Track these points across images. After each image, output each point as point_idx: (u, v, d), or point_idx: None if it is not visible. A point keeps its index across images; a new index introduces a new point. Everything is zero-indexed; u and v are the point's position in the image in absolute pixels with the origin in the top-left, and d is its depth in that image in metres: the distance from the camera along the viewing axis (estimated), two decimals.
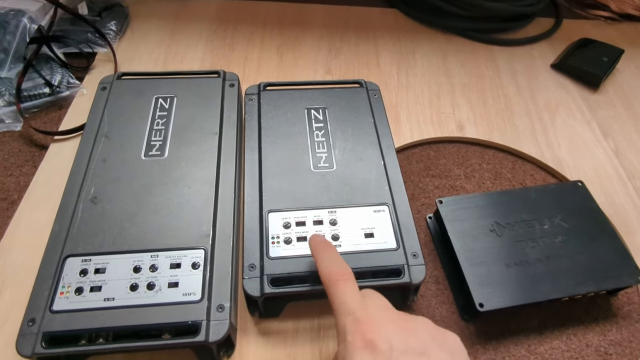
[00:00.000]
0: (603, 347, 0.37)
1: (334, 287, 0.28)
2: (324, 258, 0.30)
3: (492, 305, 0.35)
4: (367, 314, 0.26)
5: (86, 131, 0.42)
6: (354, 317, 0.26)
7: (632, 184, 0.49)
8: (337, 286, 0.28)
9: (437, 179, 0.49)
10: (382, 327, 0.25)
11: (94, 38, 0.58)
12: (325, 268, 0.30)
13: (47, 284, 0.32)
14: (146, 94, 0.46)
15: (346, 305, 0.27)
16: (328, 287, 0.29)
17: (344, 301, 0.27)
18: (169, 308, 0.32)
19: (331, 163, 0.41)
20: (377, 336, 0.25)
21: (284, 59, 0.60)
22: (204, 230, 0.36)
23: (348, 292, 0.28)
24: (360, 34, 0.65)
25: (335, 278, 0.29)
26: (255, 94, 0.47)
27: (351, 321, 0.26)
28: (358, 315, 0.26)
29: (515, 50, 0.66)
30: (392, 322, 0.26)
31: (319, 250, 0.31)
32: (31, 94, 0.51)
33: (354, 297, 0.27)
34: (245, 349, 0.35)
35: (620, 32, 0.70)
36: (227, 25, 0.65)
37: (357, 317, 0.26)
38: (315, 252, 0.32)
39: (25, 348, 0.30)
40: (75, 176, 0.39)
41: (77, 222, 0.36)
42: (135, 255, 0.34)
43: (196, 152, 0.41)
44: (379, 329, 0.25)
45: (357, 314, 0.26)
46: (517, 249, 0.39)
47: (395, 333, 0.25)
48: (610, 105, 0.58)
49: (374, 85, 0.49)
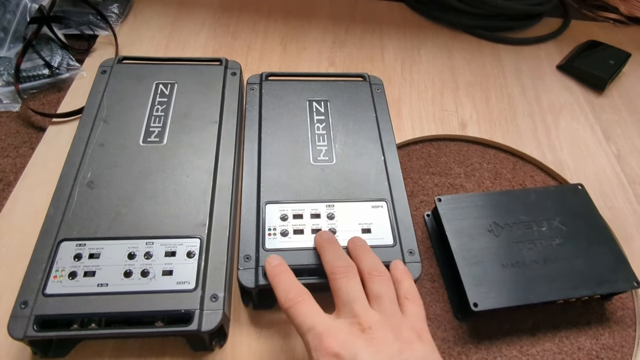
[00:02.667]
0: (595, 351, 0.37)
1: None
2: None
3: (486, 305, 0.35)
4: (326, 327, 0.27)
5: (85, 114, 0.42)
6: (315, 333, 0.27)
7: (633, 190, 0.49)
8: (293, 310, 0.29)
9: (437, 177, 0.49)
10: (343, 338, 0.26)
11: (96, 20, 0.58)
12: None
13: (41, 267, 0.32)
14: (147, 79, 0.45)
15: (305, 324, 0.28)
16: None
17: (302, 321, 0.28)
18: (163, 296, 0.31)
19: (331, 156, 0.41)
20: (340, 348, 0.26)
21: (287, 50, 0.60)
22: (200, 219, 0.36)
23: (303, 311, 0.28)
24: (366, 27, 0.65)
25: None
26: (257, 84, 0.47)
27: (312, 337, 0.27)
28: (318, 330, 0.27)
29: (521, 49, 0.65)
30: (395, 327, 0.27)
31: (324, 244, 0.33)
32: (30, 75, 0.51)
33: (310, 313, 0.28)
34: (237, 339, 0.35)
35: (628, 36, 0.70)
36: (230, 13, 0.64)
37: (317, 332, 0.27)
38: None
39: (17, 330, 0.29)
40: (73, 160, 0.38)
41: (72, 206, 0.35)
42: (131, 241, 0.34)
43: (195, 140, 0.41)
44: (339, 340, 0.26)
45: (316, 329, 0.27)
46: (514, 250, 0.38)
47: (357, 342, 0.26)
48: (615, 110, 0.58)
49: (378, 80, 0.49)
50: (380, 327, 0.27)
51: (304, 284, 0.33)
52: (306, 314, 0.28)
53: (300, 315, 0.28)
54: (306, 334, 0.27)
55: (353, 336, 0.27)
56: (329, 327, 0.27)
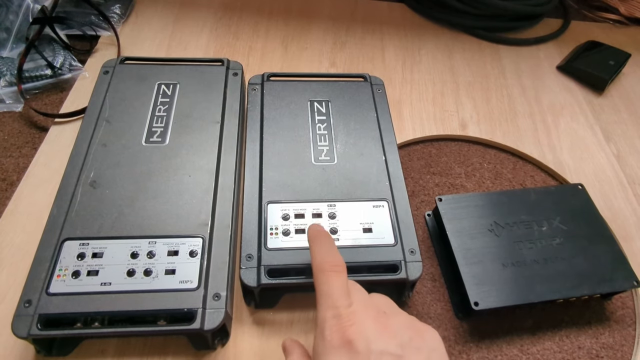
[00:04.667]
0: (595, 350, 0.38)
1: (323, 276, 0.27)
2: (320, 247, 0.30)
3: (486, 304, 0.35)
4: (349, 312, 0.26)
5: (87, 115, 0.42)
6: (336, 313, 0.26)
7: (632, 190, 0.49)
8: (326, 276, 0.27)
9: (438, 177, 0.49)
10: (362, 326, 0.25)
11: (98, 21, 0.58)
12: (318, 256, 0.29)
13: (44, 267, 0.32)
14: (149, 79, 0.45)
15: (331, 298, 0.26)
16: (317, 275, 0.28)
17: (330, 293, 0.26)
18: (165, 295, 0.32)
19: (332, 156, 0.41)
20: (355, 336, 0.24)
21: (288, 50, 0.60)
22: (202, 219, 0.36)
23: (336, 284, 0.27)
24: (367, 28, 0.65)
25: (326, 267, 0.28)
26: (259, 84, 0.47)
27: (332, 316, 0.25)
28: (340, 312, 0.25)
29: (521, 50, 0.65)
30: (373, 320, 0.26)
31: (315, 239, 0.31)
32: (33, 75, 0.51)
33: (341, 291, 0.27)
34: (240, 338, 0.35)
35: (628, 36, 0.70)
36: (232, 13, 0.64)
37: (339, 313, 0.25)
38: (311, 240, 0.31)
39: (21, 329, 0.30)
40: (75, 160, 0.39)
41: (75, 205, 0.36)
42: (133, 241, 0.34)
43: (197, 140, 0.41)
44: (358, 328, 0.25)
45: (339, 310, 0.26)
46: (514, 249, 0.39)
47: (374, 333, 0.25)
48: (615, 110, 0.58)
49: (378, 80, 0.49)
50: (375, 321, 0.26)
51: (304, 284, 0.34)
52: (334, 288, 0.27)
53: (330, 286, 0.27)
54: (326, 309, 0.26)
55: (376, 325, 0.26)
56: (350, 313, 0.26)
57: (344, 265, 0.29)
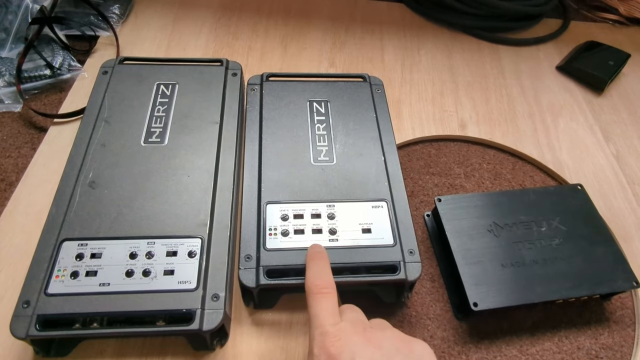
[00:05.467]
0: (594, 351, 0.38)
1: (313, 299, 0.29)
2: (312, 269, 0.31)
3: (486, 304, 0.35)
4: (336, 329, 0.27)
5: (86, 115, 0.42)
6: (323, 331, 0.27)
7: (632, 190, 0.49)
8: (315, 299, 0.29)
9: (437, 177, 0.49)
10: (347, 341, 0.26)
11: (97, 21, 0.58)
12: (309, 279, 0.31)
13: (43, 267, 0.32)
14: (148, 79, 0.45)
15: (319, 319, 0.28)
16: (307, 297, 0.30)
17: (318, 314, 0.28)
18: (164, 295, 0.32)
19: (331, 157, 0.41)
20: (341, 350, 0.26)
21: (287, 50, 0.60)
22: (201, 219, 0.36)
23: (323, 306, 0.28)
24: (366, 28, 0.65)
25: (315, 290, 0.30)
26: (258, 84, 0.47)
27: (319, 334, 0.27)
28: (327, 329, 0.27)
29: (521, 50, 0.65)
30: (359, 335, 0.27)
31: (310, 260, 0.33)
32: (32, 75, 0.51)
33: (327, 312, 0.28)
34: (238, 338, 0.35)
35: (628, 36, 0.70)
36: (231, 13, 0.64)
37: (326, 330, 0.27)
38: (307, 261, 0.33)
39: (19, 330, 0.30)
40: (74, 160, 0.38)
41: (74, 206, 0.36)
42: (132, 241, 0.34)
43: (196, 140, 0.41)
44: (343, 343, 0.26)
45: (326, 327, 0.27)
46: (513, 250, 0.39)
47: (360, 346, 0.26)
48: (614, 110, 0.58)
49: (378, 80, 0.49)
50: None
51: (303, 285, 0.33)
52: (322, 309, 0.28)
53: (318, 307, 0.28)
54: (314, 328, 0.28)
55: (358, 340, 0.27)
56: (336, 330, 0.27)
57: (333, 287, 0.30)
